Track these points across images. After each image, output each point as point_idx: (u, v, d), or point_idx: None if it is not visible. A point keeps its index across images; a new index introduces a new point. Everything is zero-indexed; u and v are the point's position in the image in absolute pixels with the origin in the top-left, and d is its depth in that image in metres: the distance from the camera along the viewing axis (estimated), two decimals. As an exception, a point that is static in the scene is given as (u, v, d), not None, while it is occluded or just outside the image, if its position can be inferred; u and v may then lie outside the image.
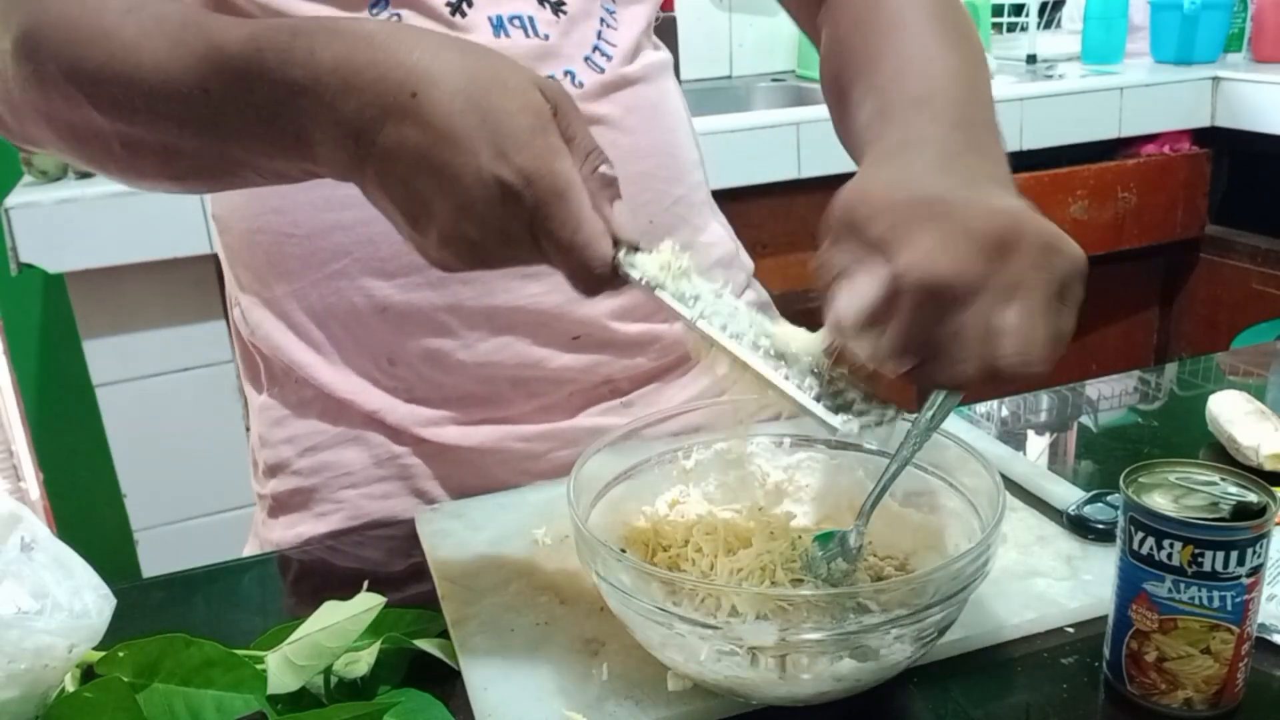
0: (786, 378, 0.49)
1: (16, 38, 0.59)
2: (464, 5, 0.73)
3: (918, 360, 0.46)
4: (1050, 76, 2.13)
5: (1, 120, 0.64)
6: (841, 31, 0.70)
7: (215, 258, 1.53)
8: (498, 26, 0.74)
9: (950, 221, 0.46)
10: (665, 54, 0.86)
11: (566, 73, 0.75)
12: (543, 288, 0.75)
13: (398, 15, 0.71)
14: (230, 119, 0.53)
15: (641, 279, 0.50)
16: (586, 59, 0.77)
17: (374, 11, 0.71)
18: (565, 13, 0.76)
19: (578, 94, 0.75)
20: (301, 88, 0.49)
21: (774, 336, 0.51)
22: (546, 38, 0.75)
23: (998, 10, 2.38)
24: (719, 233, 0.90)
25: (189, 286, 1.55)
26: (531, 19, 0.75)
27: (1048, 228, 0.47)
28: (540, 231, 0.48)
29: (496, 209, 0.47)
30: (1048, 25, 2.57)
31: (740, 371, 0.50)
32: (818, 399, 0.49)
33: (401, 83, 0.47)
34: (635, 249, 0.51)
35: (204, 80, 0.52)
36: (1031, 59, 2.27)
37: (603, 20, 0.78)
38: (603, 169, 0.51)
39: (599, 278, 0.49)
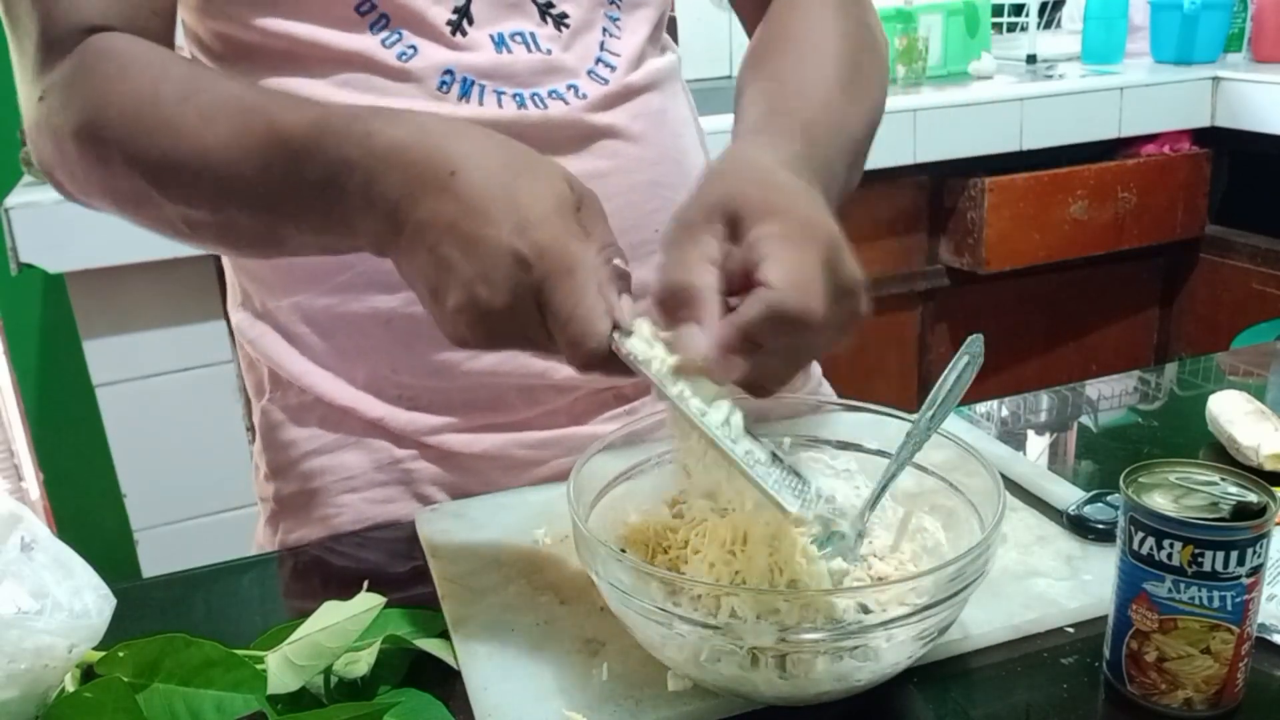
0: (749, 458, 0.52)
1: (78, 125, 0.63)
2: (464, 23, 0.72)
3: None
4: (1050, 76, 2.13)
5: (67, 191, 0.68)
6: (761, 41, 0.76)
7: (215, 258, 1.53)
8: (499, 44, 0.73)
9: (807, 247, 0.51)
10: (672, 56, 0.85)
11: (570, 86, 0.74)
12: None
13: (398, 34, 0.71)
14: (285, 198, 0.58)
15: (631, 356, 0.52)
16: (590, 72, 0.76)
17: (375, 31, 0.70)
18: (568, 26, 0.75)
19: (582, 105, 0.74)
20: (353, 164, 0.54)
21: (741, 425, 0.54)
22: (549, 53, 0.74)
23: (998, 10, 2.38)
24: None
25: (189, 286, 1.55)
26: (533, 35, 0.74)
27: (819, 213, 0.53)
28: (545, 305, 0.51)
29: (509, 277, 0.50)
30: (1048, 25, 2.57)
31: (711, 450, 0.53)
32: (775, 485, 0.51)
33: (443, 163, 0.52)
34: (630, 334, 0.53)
35: (265, 161, 0.57)
36: (1031, 59, 2.27)
37: (605, 30, 0.77)
38: (617, 262, 0.54)
39: (592, 353, 0.51)
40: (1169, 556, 0.51)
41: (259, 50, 0.71)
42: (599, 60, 0.77)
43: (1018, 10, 2.41)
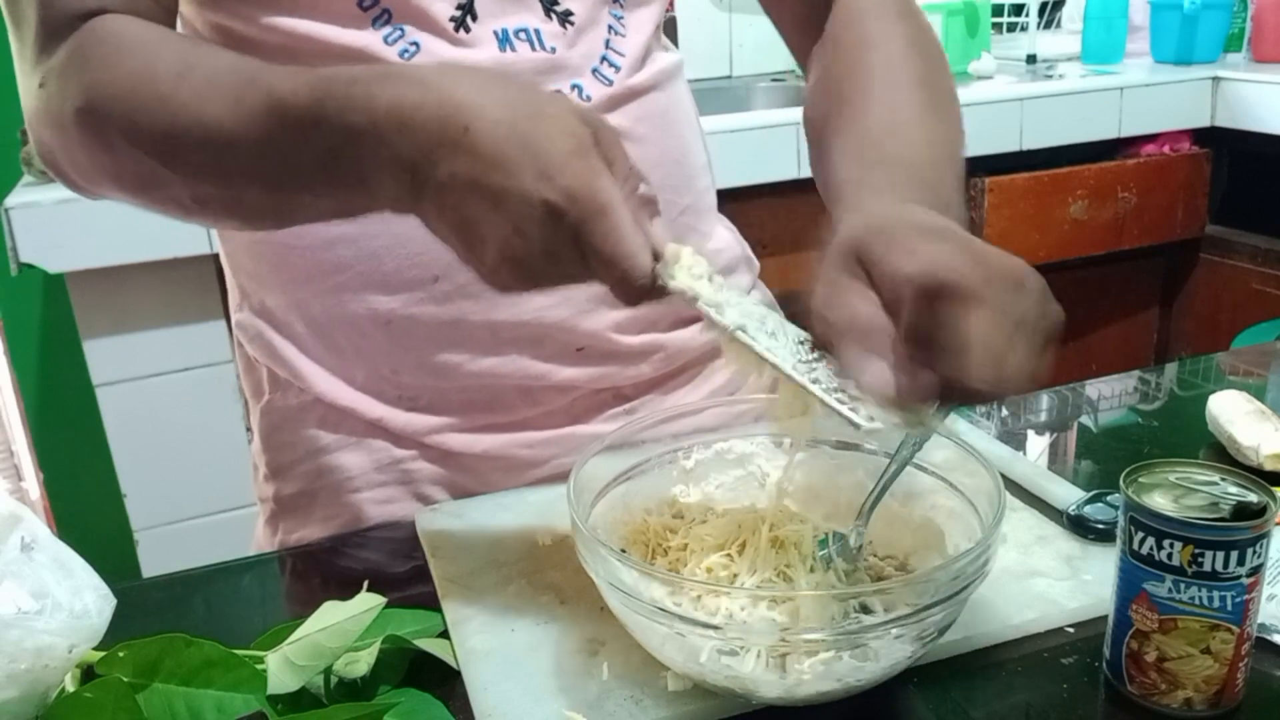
0: (815, 381, 0.50)
1: (77, 109, 0.62)
2: (468, 19, 0.71)
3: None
4: (1050, 76, 2.13)
5: (71, 181, 0.68)
6: (833, 75, 0.73)
7: (215, 258, 1.53)
8: (503, 40, 0.72)
9: (957, 240, 0.50)
10: (675, 55, 0.84)
11: (574, 86, 0.74)
12: (547, 301, 0.75)
13: (400, 30, 0.70)
14: (294, 167, 0.57)
15: (683, 290, 0.52)
16: (594, 71, 0.75)
17: (377, 26, 0.70)
18: (572, 23, 0.74)
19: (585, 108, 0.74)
20: (360, 131, 0.53)
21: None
22: (553, 50, 0.73)
23: (998, 10, 2.38)
24: (725, 238, 0.90)
25: (189, 286, 1.55)
26: (538, 31, 0.73)
27: (1041, 279, 0.50)
28: (585, 248, 0.50)
29: (543, 228, 0.50)
30: (1048, 25, 2.57)
31: (769, 373, 0.52)
32: (842, 402, 0.50)
33: (452, 118, 0.50)
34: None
35: (268, 133, 0.56)
36: (1031, 59, 2.27)
37: (610, 28, 0.77)
38: (642, 189, 0.53)
39: (641, 289, 0.51)
40: (1169, 556, 0.51)
41: (258, 45, 0.71)
42: (603, 59, 0.76)
43: (1018, 10, 2.41)
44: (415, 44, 0.70)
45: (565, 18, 0.74)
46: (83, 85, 0.62)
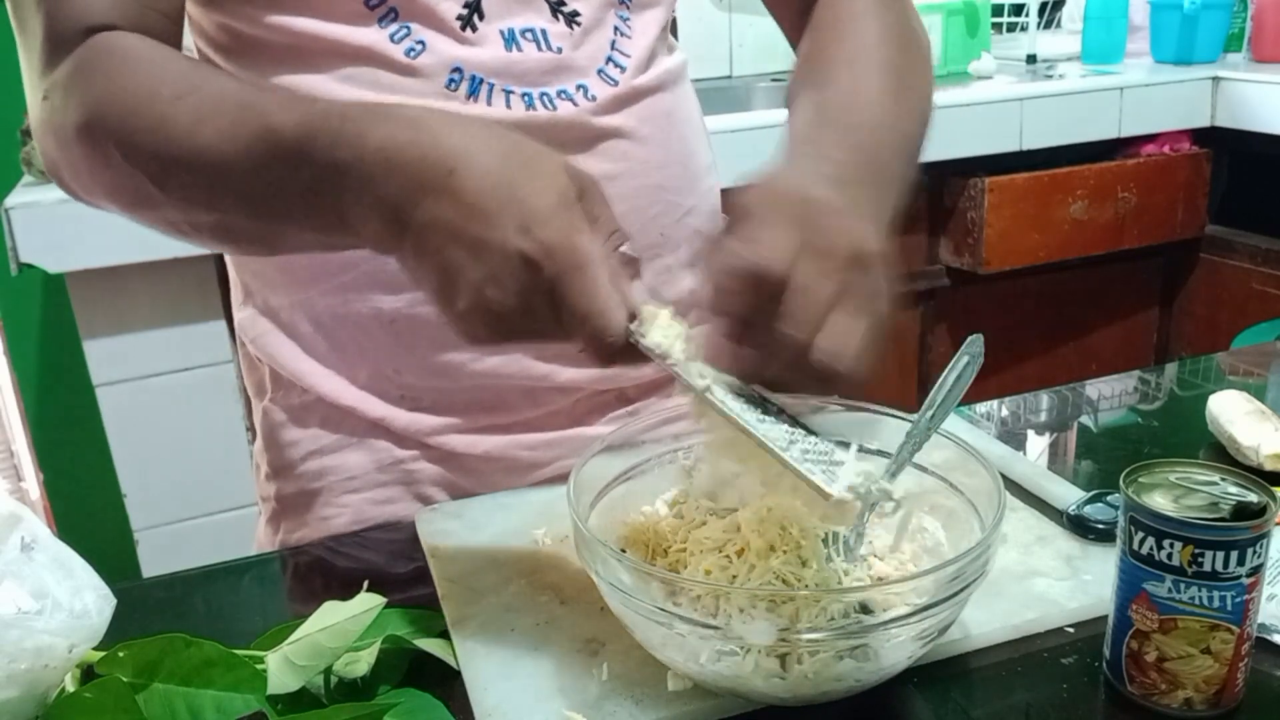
0: (786, 448, 0.51)
1: (78, 123, 0.63)
2: (475, 18, 0.71)
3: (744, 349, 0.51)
4: (1050, 76, 2.13)
5: (72, 191, 0.68)
6: (807, 58, 0.76)
7: (215, 258, 1.53)
8: (509, 40, 0.72)
9: (804, 225, 0.51)
10: (680, 57, 0.85)
11: (579, 86, 0.74)
12: None
13: (407, 28, 0.70)
14: (280, 197, 0.57)
15: (654, 348, 0.52)
16: (600, 71, 0.75)
17: (383, 25, 0.70)
18: (579, 24, 0.74)
19: (591, 107, 0.74)
20: (346, 167, 0.53)
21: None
22: (559, 51, 0.73)
23: (998, 10, 2.38)
24: None
25: (189, 286, 1.55)
26: (544, 31, 0.73)
27: (881, 257, 0.53)
28: (559, 302, 0.50)
29: (519, 280, 0.50)
30: (1048, 25, 2.57)
31: (741, 437, 0.52)
32: (810, 469, 0.50)
33: (439, 162, 0.51)
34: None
35: (257, 161, 0.57)
36: (1031, 59, 2.27)
37: (617, 29, 0.77)
38: (624, 249, 0.53)
39: (612, 347, 0.51)
40: (1169, 556, 0.51)
41: (264, 44, 0.71)
42: (609, 60, 0.76)
43: (1018, 10, 2.41)
44: (421, 42, 0.70)
45: (572, 18, 0.74)
46: (84, 101, 0.62)
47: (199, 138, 0.58)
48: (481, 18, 0.72)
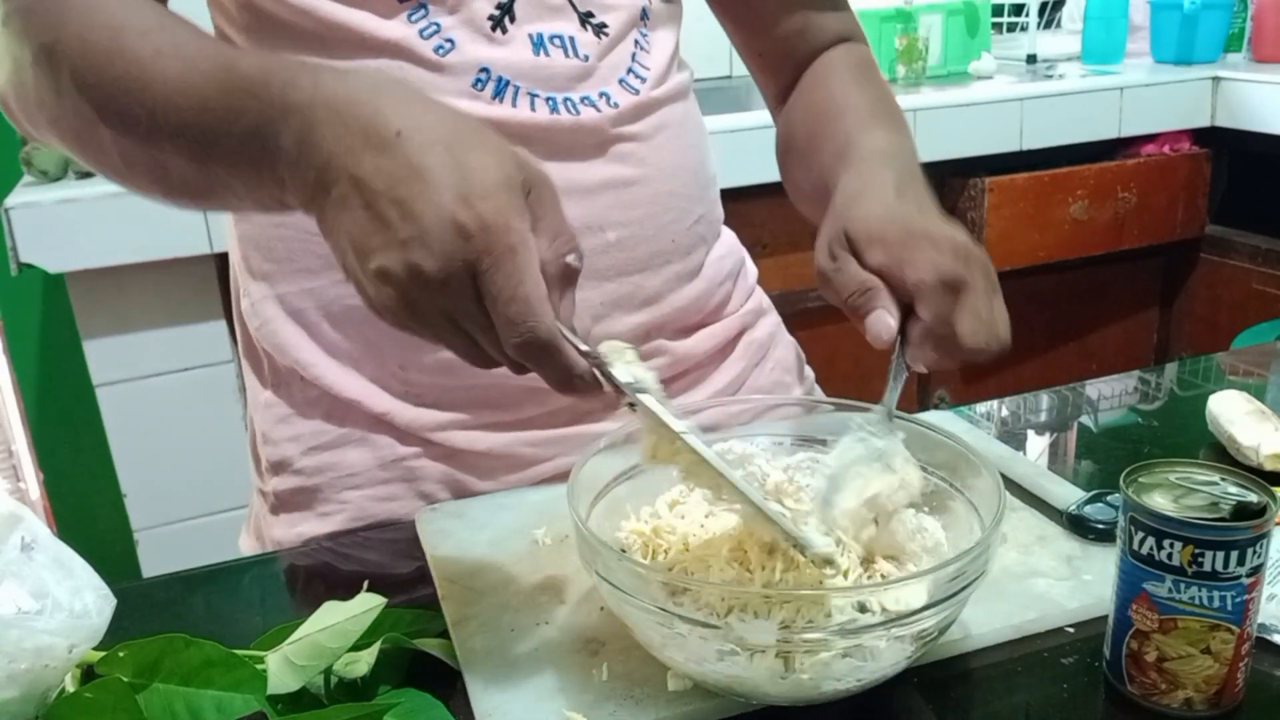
0: (765, 498, 0.54)
1: (36, 49, 0.61)
2: (506, 20, 0.72)
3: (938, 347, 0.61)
4: (1050, 76, 2.13)
5: (16, 119, 0.67)
6: (797, 116, 0.86)
7: (215, 258, 1.53)
8: (538, 44, 0.73)
9: (931, 241, 0.62)
10: (689, 73, 0.87)
11: (602, 94, 0.75)
12: None
13: (436, 25, 0.70)
14: (221, 137, 0.56)
15: (633, 383, 0.52)
16: (621, 81, 0.77)
17: (413, 19, 0.70)
18: (607, 35, 0.76)
19: (612, 115, 0.76)
20: (294, 108, 0.52)
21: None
22: (586, 59, 0.75)
23: (998, 10, 2.38)
24: (730, 243, 0.91)
25: (189, 286, 1.55)
26: (573, 39, 0.75)
27: (975, 245, 0.64)
28: (483, 280, 0.49)
29: (447, 245, 0.48)
30: (1048, 25, 2.57)
31: (713, 480, 0.54)
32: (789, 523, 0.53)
33: (388, 123, 0.50)
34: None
35: (205, 98, 0.55)
36: (1031, 59, 2.27)
37: (637, 43, 0.79)
38: (570, 259, 0.52)
39: (530, 335, 0.49)
40: (1169, 556, 0.51)
41: (286, 27, 0.70)
42: (630, 71, 0.78)
43: (1018, 10, 2.41)
44: (450, 40, 0.71)
45: (601, 29, 0.76)
46: (49, 24, 0.61)
47: (154, 67, 0.57)
48: (513, 20, 0.72)
